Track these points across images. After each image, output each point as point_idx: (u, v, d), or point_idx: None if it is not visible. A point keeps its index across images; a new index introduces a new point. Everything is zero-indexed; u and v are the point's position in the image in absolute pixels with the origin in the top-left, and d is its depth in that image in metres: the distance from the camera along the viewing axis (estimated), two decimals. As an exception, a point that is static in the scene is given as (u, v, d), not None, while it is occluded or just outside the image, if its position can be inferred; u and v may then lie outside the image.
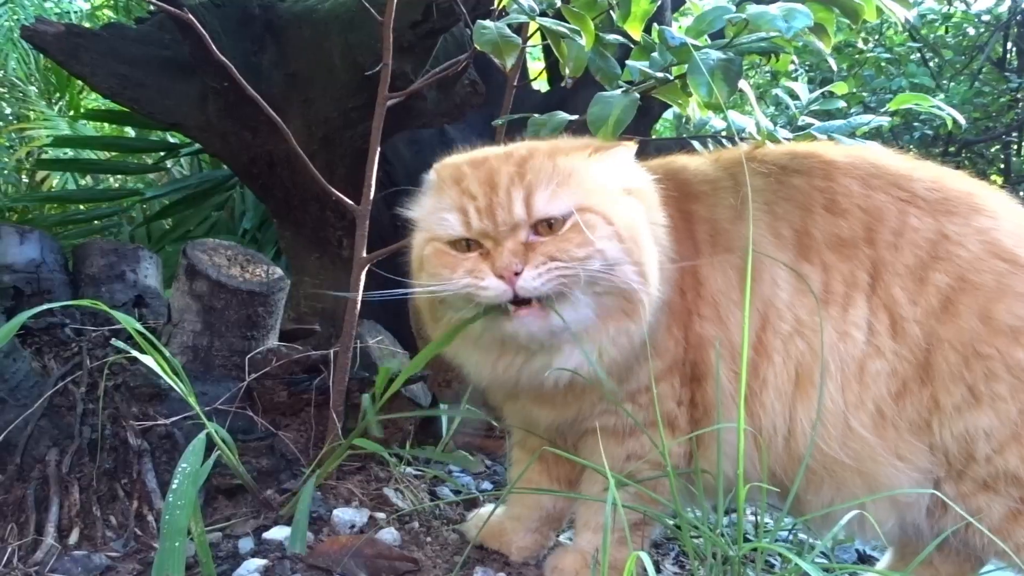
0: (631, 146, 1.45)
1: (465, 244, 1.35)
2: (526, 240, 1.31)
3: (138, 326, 1.56)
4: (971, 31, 6.21)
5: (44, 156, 5.26)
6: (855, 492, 1.43)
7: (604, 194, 1.38)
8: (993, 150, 6.49)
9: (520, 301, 1.30)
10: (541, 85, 3.57)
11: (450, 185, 1.39)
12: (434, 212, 1.40)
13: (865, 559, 2.01)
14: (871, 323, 1.42)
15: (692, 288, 1.48)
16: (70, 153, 4.98)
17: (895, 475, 1.41)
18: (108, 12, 5.79)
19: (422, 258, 1.40)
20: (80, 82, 4.25)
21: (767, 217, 1.48)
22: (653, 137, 3.47)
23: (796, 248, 1.47)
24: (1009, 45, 6.21)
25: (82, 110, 5.36)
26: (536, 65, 3.97)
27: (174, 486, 1.40)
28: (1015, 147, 6.49)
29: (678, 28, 1.76)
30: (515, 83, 1.96)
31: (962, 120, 1.84)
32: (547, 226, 1.32)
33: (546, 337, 1.34)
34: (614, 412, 1.49)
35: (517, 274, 1.28)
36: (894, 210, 1.46)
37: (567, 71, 1.65)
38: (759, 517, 1.43)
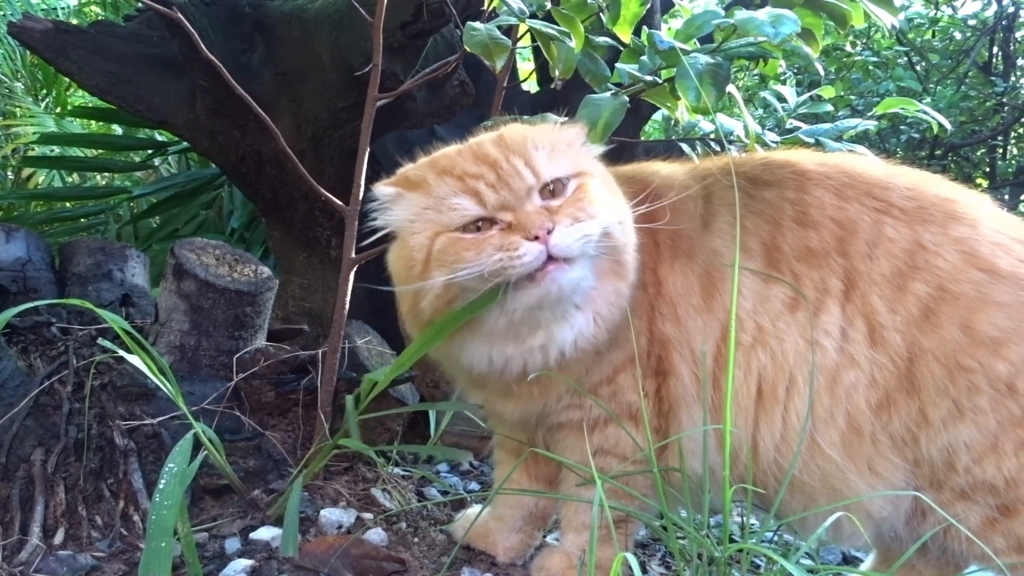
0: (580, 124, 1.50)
1: (476, 227, 1.32)
2: (542, 205, 1.32)
3: (125, 325, 1.55)
4: (958, 35, 6.26)
5: (30, 153, 5.24)
6: (826, 506, 1.42)
7: (587, 158, 1.43)
8: (979, 154, 6.55)
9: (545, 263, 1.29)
10: (531, 86, 3.57)
11: (438, 177, 1.36)
12: (431, 207, 1.35)
13: (849, 560, 2.02)
14: (844, 330, 1.41)
15: (653, 284, 1.48)
16: (57, 150, 4.96)
17: (867, 492, 1.40)
18: (96, 9, 5.75)
19: (430, 255, 1.33)
20: (67, 79, 4.24)
21: (734, 230, 1.46)
22: (642, 139, 3.48)
23: (764, 261, 1.47)
24: (995, 49, 6.27)
25: (69, 107, 5.34)
26: (526, 66, 3.98)
27: (161, 486, 1.39)
28: (1000, 151, 6.55)
29: (667, 31, 1.78)
30: (505, 84, 1.96)
31: (948, 124, 1.85)
32: (550, 192, 1.34)
33: (569, 293, 1.33)
34: (579, 406, 1.50)
35: (549, 232, 1.27)
36: (868, 220, 1.45)
37: (557, 73, 1.66)
38: (745, 518, 1.43)
